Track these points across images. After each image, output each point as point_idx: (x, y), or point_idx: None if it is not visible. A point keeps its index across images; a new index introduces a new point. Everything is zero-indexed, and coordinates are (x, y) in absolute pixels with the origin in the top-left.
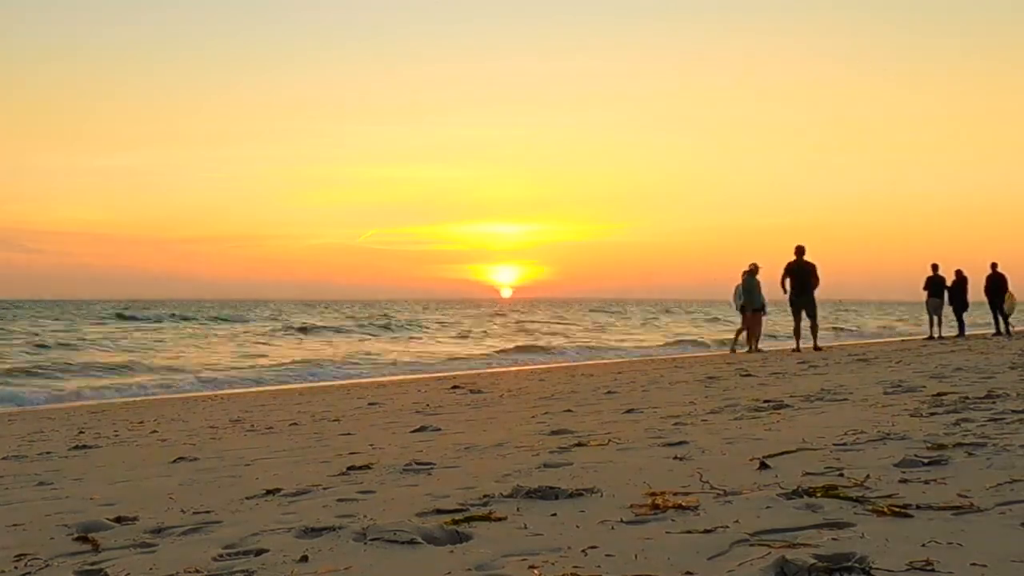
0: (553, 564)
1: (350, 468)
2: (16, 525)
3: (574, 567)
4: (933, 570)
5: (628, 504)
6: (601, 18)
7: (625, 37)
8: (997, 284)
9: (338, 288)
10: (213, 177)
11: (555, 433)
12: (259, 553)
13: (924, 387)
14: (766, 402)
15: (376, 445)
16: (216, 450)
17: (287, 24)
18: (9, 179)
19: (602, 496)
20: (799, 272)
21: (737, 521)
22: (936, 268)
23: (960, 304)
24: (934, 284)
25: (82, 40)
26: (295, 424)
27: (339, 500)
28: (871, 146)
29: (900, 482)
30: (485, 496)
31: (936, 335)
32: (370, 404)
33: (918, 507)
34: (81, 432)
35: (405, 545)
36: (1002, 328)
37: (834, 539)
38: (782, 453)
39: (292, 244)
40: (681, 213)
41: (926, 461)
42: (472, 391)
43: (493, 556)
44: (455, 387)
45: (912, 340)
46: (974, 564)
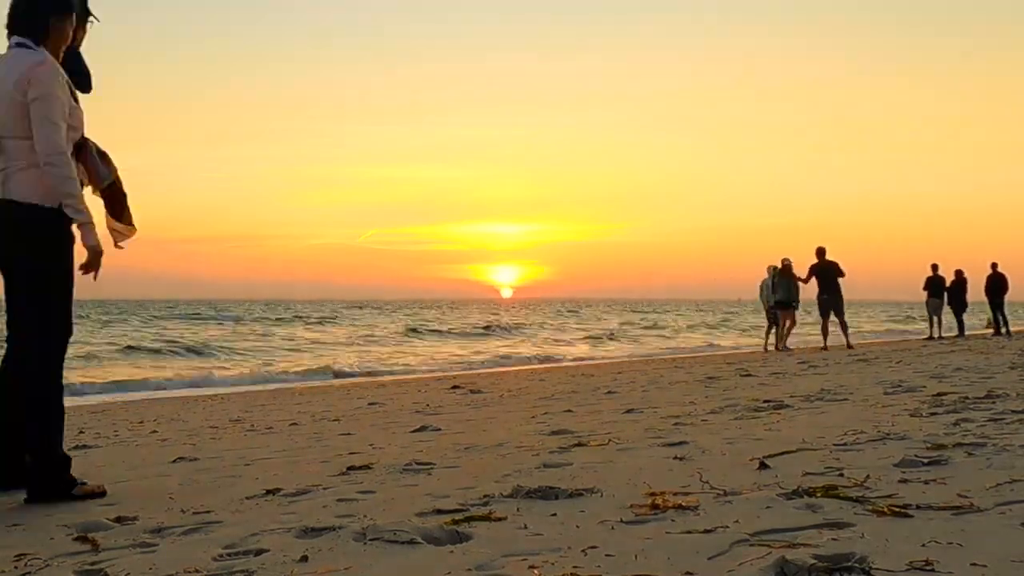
0: (553, 564)
1: (350, 468)
2: (16, 525)
3: (574, 567)
4: (933, 570)
5: (628, 504)
6: (601, 18)
7: (625, 37)
8: (997, 284)
9: (338, 288)
10: (213, 177)
11: (555, 433)
12: (259, 553)
13: (924, 387)
14: (766, 402)
15: (376, 445)
16: (216, 450)
17: (287, 24)
18: None
19: (602, 496)
20: (825, 272)
21: (737, 521)
22: (936, 268)
23: (960, 304)
24: (934, 284)
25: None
26: (295, 424)
27: (339, 500)
28: (871, 146)
29: (900, 482)
30: (485, 496)
31: (936, 335)
32: (370, 404)
33: (918, 507)
34: (81, 432)
35: (405, 545)
36: (1002, 328)
37: (834, 539)
38: (782, 453)
39: (292, 244)
40: (681, 213)
41: (926, 461)
42: (472, 391)
43: (493, 556)
44: (455, 387)
45: (912, 340)
46: (974, 564)
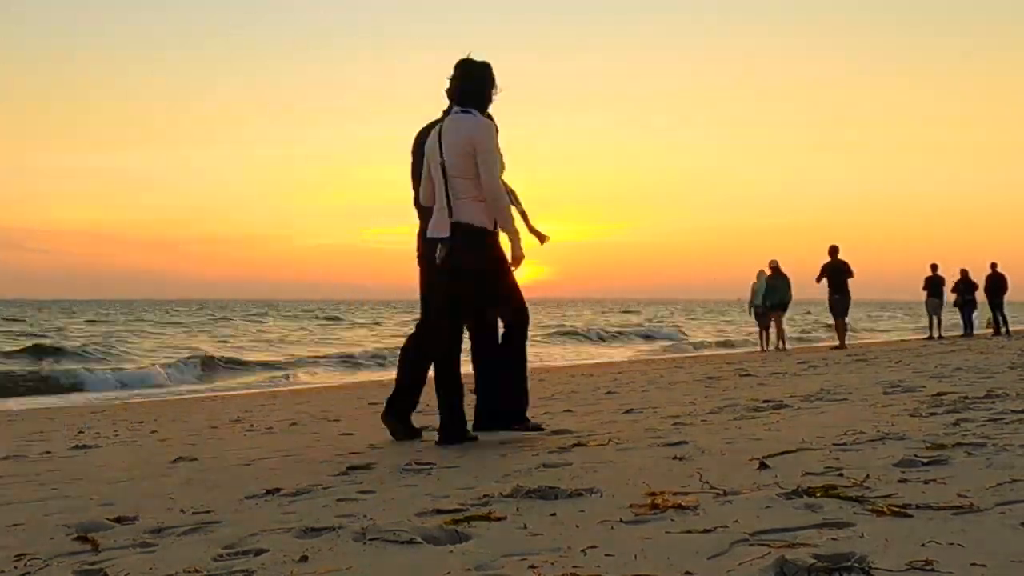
0: (553, 564)
1: (350, 468)
2: (16, 525)
3: (574, 567)
4: (933, 570)
5: (628, 504)
6: (601, 18)
7: (625, 37)
8: (997, 284)
9: (338, 288)
10: (213, 177)
11: (555, 433)
12: (259, 553)
13: (924, 387)
14: (766, 402)
15: (376, 445)
16: (216, 450)
17: (287, 24)
18: (9, 179)
19: (602, 496)
20: (836, 272)
21: (737, 521)
22: (936, 268)
23: (968, 304)
24: (933, 284)
25: (82, 40)
26: (295, 424)
27: (339, 500)
28: (871, 146)
29: (900, 482)
30: (485, 496)
31: (936, 335)
32: (370, 404)
33: (918, 507)
34: (81, 432)
35: (405, 545)
36: (1002, 328)
37: (834, 539)
38: (782, 453)
39: (292, 244)
40: (682, 213)
41: (926, 461)
42: (472, 391)
43: (493, 556)
44: None
45: (912, 340)
46: (974, 564)
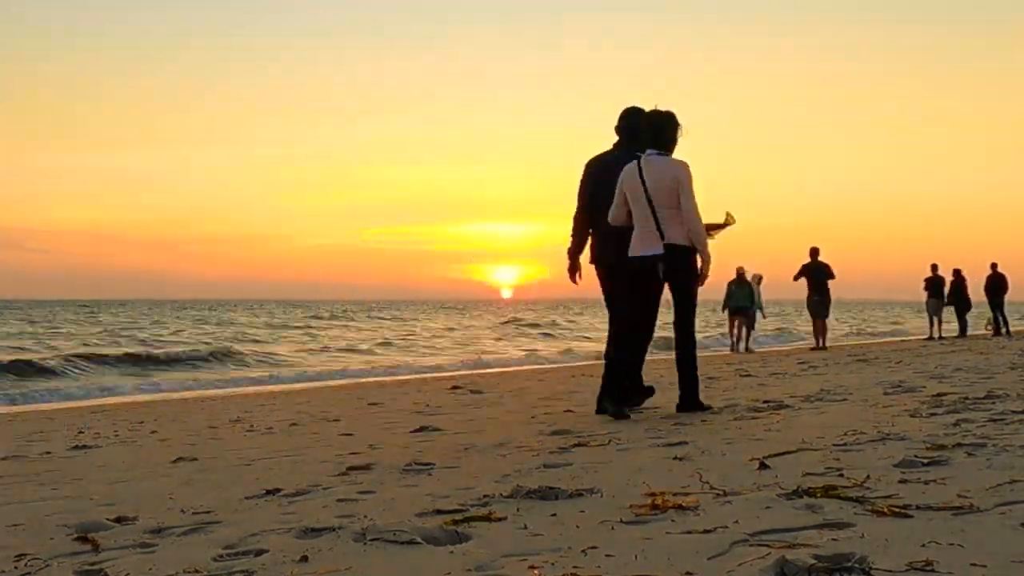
0: (553, 564)
1: (350, 468)
2: (16, 525)
3: (574, 567)
4: (933, 570)
5: (628, 504)
6: (601, 17)
7: (626, 36)
8: (997, 284)
9: (338, 288)
10: (212, 177)
11: (555, 433)
12: (259, 553)
13: (924, 387)
14: (766, 402)
15: (376, 445)
16: (216, 450)
17: (288, 24)
18: (9, 179)
19: (602, 496)
20: (816, 272)
21: (737, 521)
22: (936, 268)
23: (962, 304)
24: (933, 284)
25: (82, 40)
26: (295, 424)
27: (339, 500)
28: (871, 146)
29: (900, 482)
30: (485, 496)
31: (936, 335)
32: (370, 404)
33: (918, 507)
34: (81, 432)
35: (405, 545)
36: (1002, 328)
37: (834, 539)
38: (782, 453)
39: (292, 244)
40: None
41: (926, 461)
42: (472, 391)
43: (493, 556)
44: (455, 387)
45: (912, 340)
46: (974, 564)
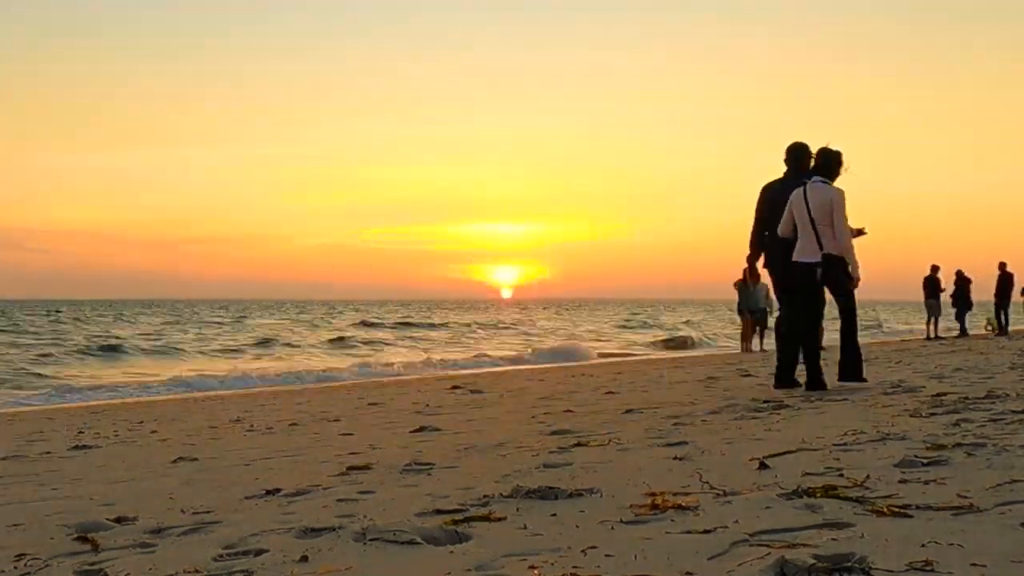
0: (553, 564)
1: (350, 468)
2: (16, 525)
3: (574, 567)
4: (933, 570)
5: (628, 504)
6: (602, 17)
7: (626, 36)
8: (1005, 284)
9: (338, 288)
10: (212, 177)
11: (555, 433)
12: (259, 553)
13: (924, 387)
14: (766, 402)
15: (376, 445)
16: (216, 450)
17: (287, 24)
18: (9, 179)
19: (602, 496)
20: None
21: (737, 521)
22: (936, 269)
23: (963, 305)
24: (933, 284)
25: (83, 40)
26: (295, 424)
27: (339, 500)
28: (871, 146)
29: (900, 482)
30: (485, 496)
31: (935, 335)
32: (370, 404)
33: (918, 507)
34: (81, 432)
35: (405, 545)
36: (1003, 328)
37: (834, 539)
38: (782, 453)
39: (292, 244)
40: (683, 213)
41: (926, 461)
42: (472, 391)
43: (493, 556)
44: (455, 387)
45: (912, 340)
46: (974, 564)
